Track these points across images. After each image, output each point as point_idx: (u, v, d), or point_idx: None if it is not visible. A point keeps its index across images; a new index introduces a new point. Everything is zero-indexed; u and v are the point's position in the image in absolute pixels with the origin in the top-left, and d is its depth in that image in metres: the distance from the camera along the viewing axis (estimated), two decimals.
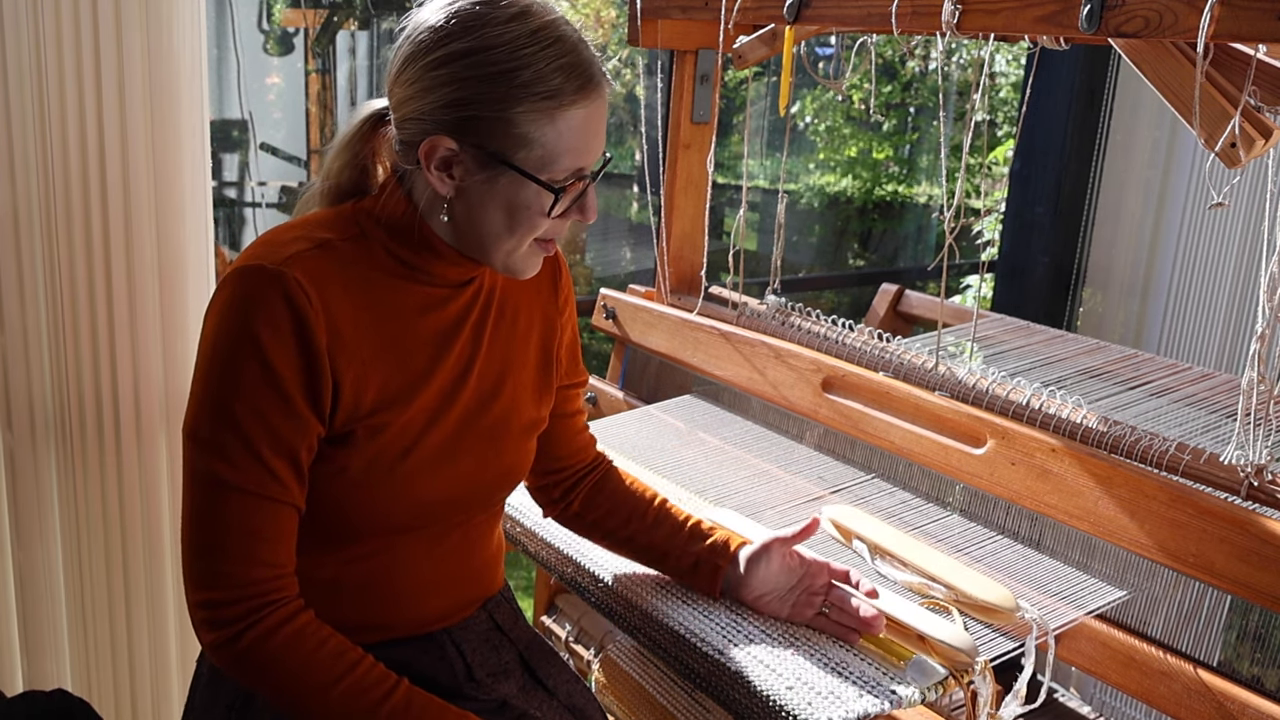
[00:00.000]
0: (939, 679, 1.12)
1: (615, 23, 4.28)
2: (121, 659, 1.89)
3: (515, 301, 1.17)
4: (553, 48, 0.98)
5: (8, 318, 1.69)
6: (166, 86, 1.70)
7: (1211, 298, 2.53)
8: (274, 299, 0.96)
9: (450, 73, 0.97)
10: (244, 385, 0.97)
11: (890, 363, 1.55)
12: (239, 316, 0.97)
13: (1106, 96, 2.64)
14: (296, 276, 0.97)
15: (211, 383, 0.98)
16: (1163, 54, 1.16)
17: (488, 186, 1.01)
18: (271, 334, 0.96)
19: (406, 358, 1.06)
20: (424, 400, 1.07)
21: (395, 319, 1.05)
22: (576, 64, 0.99)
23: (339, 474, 1.03)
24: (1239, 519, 1.12)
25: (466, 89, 0.97)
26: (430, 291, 1.08)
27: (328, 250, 1.02)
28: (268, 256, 0.98)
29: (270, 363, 0.96)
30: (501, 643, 1.22)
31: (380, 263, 1.05)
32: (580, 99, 0.99)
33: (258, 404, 0.97)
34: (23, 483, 1.77)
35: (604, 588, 1.29)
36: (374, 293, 1.04)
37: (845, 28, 1.53)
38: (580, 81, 0.99)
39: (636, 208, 4.65)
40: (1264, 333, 1.13)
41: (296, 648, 0.99)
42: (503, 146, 0.99)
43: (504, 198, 1.01)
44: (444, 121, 0.99)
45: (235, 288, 0.98)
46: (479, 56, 0.97)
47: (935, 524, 1.43)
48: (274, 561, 1.00)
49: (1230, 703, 1.13)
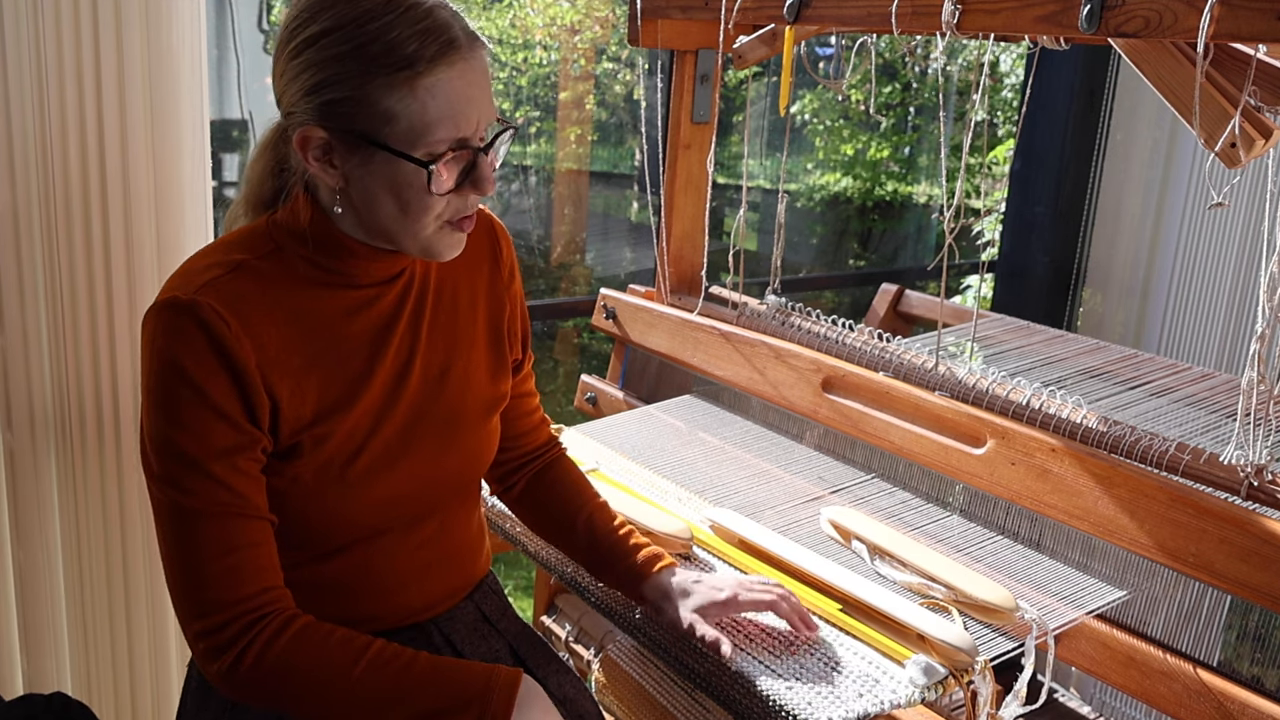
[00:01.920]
0: (939, 679, 1.12)
1: (615, 22, 4.28)
2: (121, 660, 1.88)
3: (454, 284, 1.14)
4: (405, 15, 0.94)
5: (8, 318, 1.69)
6: (166, 86, 1.70)
7: (1211, 298, 2.54)
8: (190, 330, 0.96)
9: (307, 58, 0.95)
10: (181, 414, 0.97)
11: (890, 363, 1.55)
12: (162, 351, 0.97)
13: (1106, 96, 2.65)
14: (211, 304, 0.97)
15: (154, 418, 0.98)
16: (1163, 54, 1.16)
17: (366, 170, 0.98)
18: (195, 362, 0.96)
19: (341, 364, 1.05)
20: (366, 402, 1.06)
21: (323, 328, 1.04)
22: (431, 28, 0.95)
23: (293, 484, 1.03)
24: (1239, 519, 1.12)
25: (323, 71, 0.95)
26: (356, 294, 1.06)
27: (243, 272, 1.01)
28: (181, 288, 0.98)
29: (200, 387, 0.96)
30: (490, 633, 1.22)
31: (300, 274, 1.04)
32: (439, 63, 0.95)
33: (197, 428, 0.97)
34: (23, 483, 1.76)
35: (604, 588, 1.29)
36: (297, 305, 1.03)
37: (845, 28, 1.53)
38: (438, 46, 0.95)
39: (636, 208, 4.65)
40: (1264, 333, 1.13)
41: (303, 647, 0.98)
42: (367, 126, 0.95)
43: (384, 180, 0.98)
44: (310, 109, 0.96)
45: (154, 324, 0.98)
46: (331, 36, 0.94)
47: (935, 524, 1.43)
48: (257, 577, 0.99)
49: (1230, 703, 1.13)
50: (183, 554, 0.98)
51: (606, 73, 4.52)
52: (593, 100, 4.52)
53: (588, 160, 4.55)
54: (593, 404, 1.93)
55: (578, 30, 4.30)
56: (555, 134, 4.38)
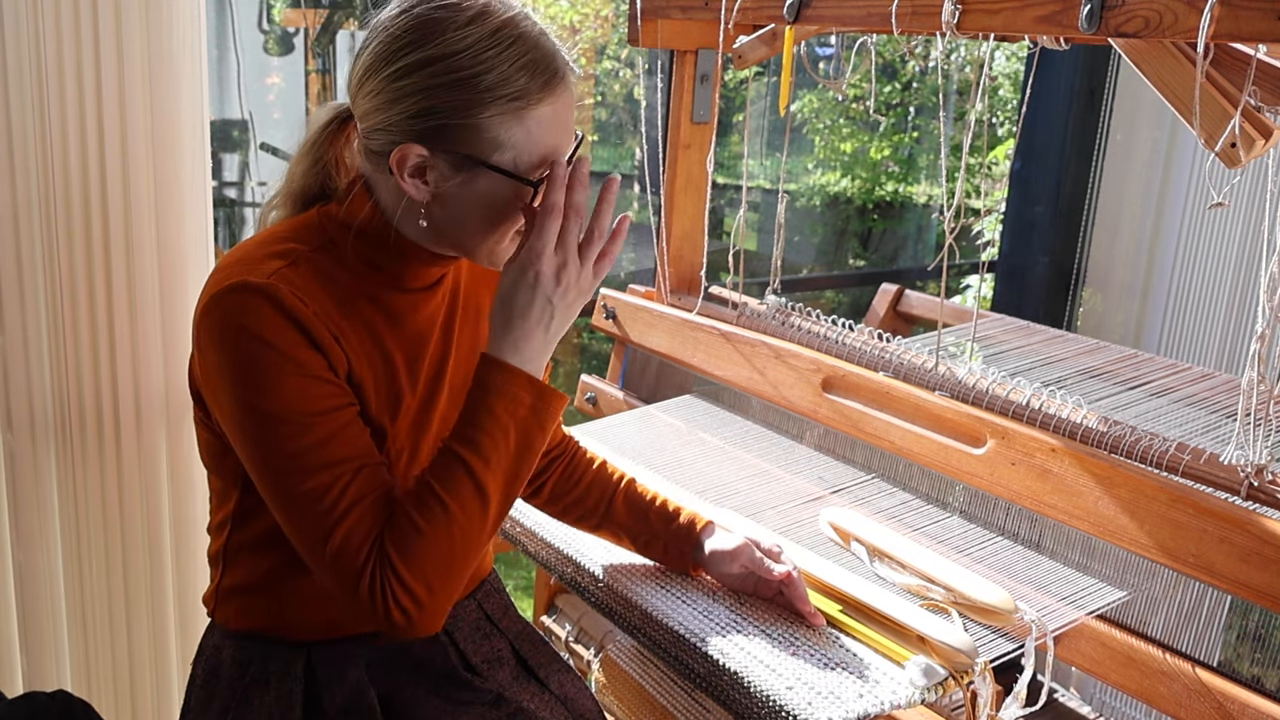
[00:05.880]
0: (939, 679, 1.12)
1: (614, 21, 4.28)
2: (121, 659, 1.88)
3: (477, 293, 1.16)
4: (514, 47, 0.96)
5: (8, 318, 1.69)
6: (166, 86, 1.70)
7: (1211, 298, 2.53)
8: (267, 310, 0.95)
9: (413, 83, 0.96)
10: (277, 383, 0.95)
11: (890, 363, 1.55)
12: (241, 331, 0.95)
13: (1106, 96, 2.64)
14: (284, 286, 0.96)
15: (246, 397, 0.96)
16: (1163, 54, 1.16)
17: (465, 189, 1.00)
18: (279, 336, 0.96)
19: (391, 371, 1.06)
20: (408, 412, 1.07)
21: (374, 330, 1.05)
22: (539, 60, 0.98)
23: None
24: (1239, 519, 1.12)
25: (431, 98, 0.96)
26: (403, 298, 1.07)
27: (301, 263, 1.01)
28: (248, 273, 0.97)
29: (291, 355, 0.96)
30: (492, 632, 1.22)
31: (353, 270, 1.04)
32: (547, 95, 0.98)
33: (296, 389, 0.96)
34: (23, 483, 1.76)
35: (604, 588, 1.29)
36: (352, 303, 1.03)
37: (845, 28, 1.53)
38: (545, 78, 0.98)
39: (636, 208, 4.65)
40: (1264, 333, 1.13)
41: (417, 511, 0.96)
42: (475, 150, 0.98)
43: (484, 198, 1.00)
44: (412, 131, 0.97)
45: (226, 306, 0.96)
46: (441, 64, 0.95)
47: (935, 524, 1.43)
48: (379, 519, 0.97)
49: (1230, 703, 1.13)
50: (307, 519, 0.96)
51: (606, 72, 4.52)
52: (593, 100, 4.52)
53: (588, 160, 4.55)
54: (593, 404, 1.93)
55: (578, 30, 4.30)
56: None
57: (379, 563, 0.95)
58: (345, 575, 0.95)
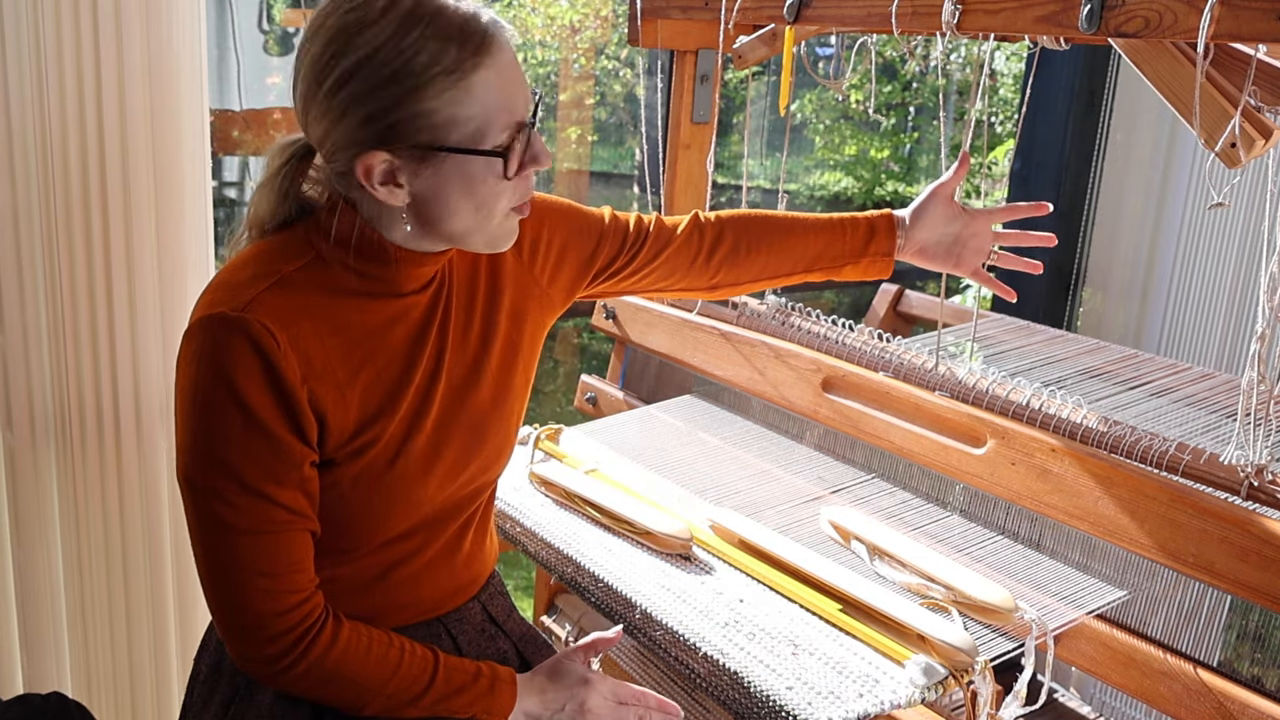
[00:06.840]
0: (939, 679, 1.12)
1: (614, 21, 4.28)
2: (121, 659, 1.89)
3: (472, 286, 1.16)
4: (433, 23, 0.95)
5: (8, 318, 1.69)
6: (166, 86, 1.70)
7: (1211, 298, 2.53)
8: (240, 347, 0.96)
9: (350, 92, 0.96)
10: (229, 432, 0.97)
11: (890, 363, 1.55)
12: (210, 367, 0.97)
13: (1106, 96, 2.64)
14: (260, 320, 0.97)
15: (198, 434, 0.98)
16: (1163, 54, 1.16)
17: (437, 178, 0.99)
18: (245, 380, 0.96)
19: (382, 373, 1.06)
20: (404, 410, 1.07)
21: (365, 338, 1.05)
22: (462, 27, 0.96)
23: (329, 490, 1.04)
24: (1239, 519, 1.12)
25: (372, 100, 0.95)
26: (396, 303, 1.07)
27: (287, 284, 1.01)
28: (228, 302, 0.98)
29: (250, 407, 0.96)
30: (495, 634, 1.22)
31: (342, 283, 1.04)
32: (483, 58, 0.96)
33: (246, 447, 0.97)
34: (23, 483, 1.77)
35: (604, 588, 1.29)
36: (341, 317, 1.03)
37: (845, 28, 1.53)
38: (476, 42, 0.96)
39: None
40: (1264, 333, 1.13)
41: (346, 662, 1.04)
42: (433, 137, 0.97)
43: (459, 181, 0.99)
44: (368, 139, 0.97)
45: (202, 339, 0.97)
46: (369, 65, 0.95)
47: (935, 524, 1.43)
48: (300, 586, 1.01)
49: (1230, 703, 1.13)
50: (224, 571, 0.99)
51: (606, 72, 4.52)
52: (593, 100, 4.52)
53: (588, 160, 4.55)
54: (593, 404, 1.93)
55: (578, 29, 4.30)
56: (555, 134, 4.38)
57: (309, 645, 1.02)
58: (259, 640, 1.01)
